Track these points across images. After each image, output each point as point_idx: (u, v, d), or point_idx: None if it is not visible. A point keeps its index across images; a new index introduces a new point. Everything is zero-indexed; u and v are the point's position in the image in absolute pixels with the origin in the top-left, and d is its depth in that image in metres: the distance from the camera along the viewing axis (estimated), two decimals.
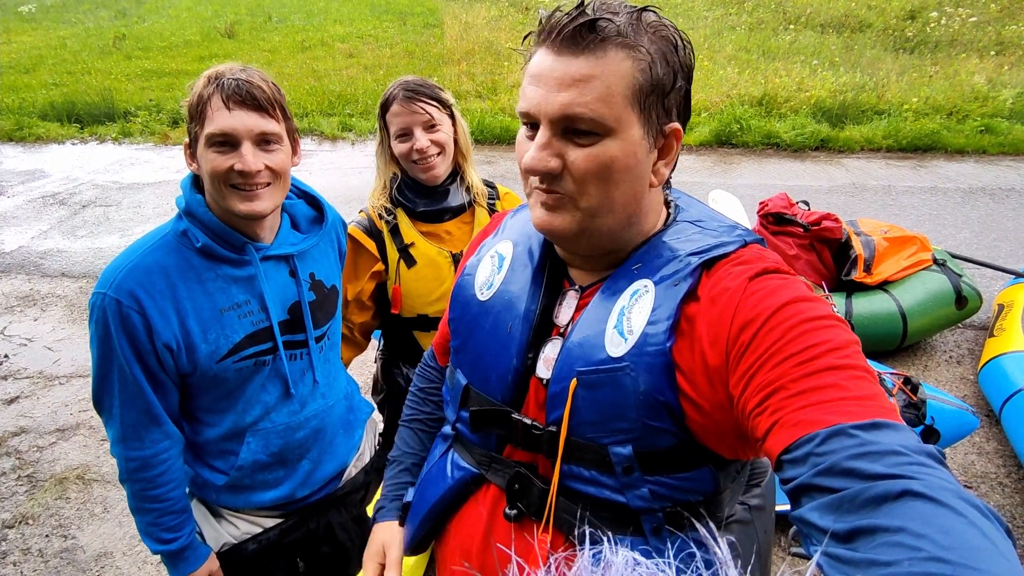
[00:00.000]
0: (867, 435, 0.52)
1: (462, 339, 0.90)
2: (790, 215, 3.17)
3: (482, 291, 0.88)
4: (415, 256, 1.48)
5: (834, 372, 0.59)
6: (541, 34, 0.72)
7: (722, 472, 0.76)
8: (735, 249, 0.74)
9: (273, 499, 1.24)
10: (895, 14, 9.88)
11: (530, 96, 0.71)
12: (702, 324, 0.70)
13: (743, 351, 0.65)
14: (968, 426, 2.23)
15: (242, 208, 1.06)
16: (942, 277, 3.07)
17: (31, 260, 4.45)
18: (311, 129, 7.09)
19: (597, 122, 0.69)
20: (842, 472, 0.51)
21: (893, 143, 6.25)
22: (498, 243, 0.93)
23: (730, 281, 0.70)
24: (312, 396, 1.24)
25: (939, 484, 0.47)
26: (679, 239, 0.78)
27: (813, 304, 0.65)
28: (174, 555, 1.16)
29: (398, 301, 1.50)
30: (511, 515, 0.82)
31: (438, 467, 0.93)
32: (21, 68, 9.15)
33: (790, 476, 0.55)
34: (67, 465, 2.66)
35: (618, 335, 0.73)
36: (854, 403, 0.56)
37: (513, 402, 0.82)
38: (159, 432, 1.11)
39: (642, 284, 0.75)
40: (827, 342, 0.61)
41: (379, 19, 11.82)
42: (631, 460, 0.73)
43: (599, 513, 0.76)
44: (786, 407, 0.58)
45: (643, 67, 0.69)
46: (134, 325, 1.04)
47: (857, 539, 0.47)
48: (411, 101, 1.40)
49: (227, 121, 1.03)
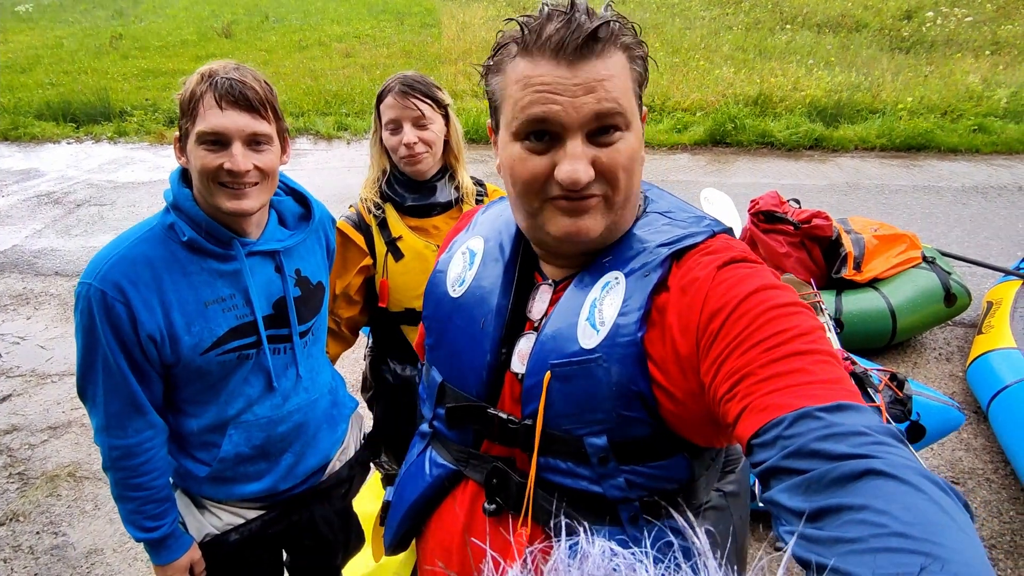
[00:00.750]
0: (832, 417, 0.54)
1: (436, 336, 0.91)
2: (781, 213, 3.18)
3: (454, 287, 0.89)
4: (403, 249, 1.49)
5: (800, 357, 0.60)
6: (532, 45, 0.71)
7: (696, 460, 0.78)
8: (704, 239, 0.76)
9: (255, 491, 1.25)
10: (891, 14, 9.90)
11: (546, 107, 0.70)
12: (672, 313, 0.71)
13: (713, 339, 0.66)
14: (954, 422, 2.24)
15: (229, 206, 1.08)
16: (931, 275, 3.09)
17: (25, 259, 4.45)
18: (307, 128, 7.10)
19: (623, 116, 0.72)
20: (809, 454, 0.52)
21: (887, 142, 6.27)
22: (469, 239, 0.93)
23: (699, 271, 0.71)
24: (295, 390, 1.25)
25: (900, 462, 0.49)
26: (649, 231, 0.79)
27: (779, 292, 0.67)
28: (156, 543, 1.17)
29: (385, 295, 1.51)
30: (490, 510, 0.82)
31: (416, 465, 0.94)
32: (17, 68, 9.14)
33: (760, 459, 0.57)
34: (58, 463, 2.67)
35: (590, 327, 0.74)
36: (820, 387, 0.57)
37: (488, 397, 0.83)
38: (143, 421, 1.12)
39: (613, 276, 0.76)
40: (793, 328, 0.63)
41: (376, 19, 11.82)
42: (606, 450, 0.74)
43: (576, 504, 0.77)
44: (755, 392, 0.60)
45: (636, 63, 0.74)
46: (119, 316, 1.05)
47: (824, 518, 0.48)
48: (405, 96, 1.41)
49: (219, 120, 1.04)
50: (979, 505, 2.37)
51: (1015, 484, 2.45)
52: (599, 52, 0.70)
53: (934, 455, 2.60)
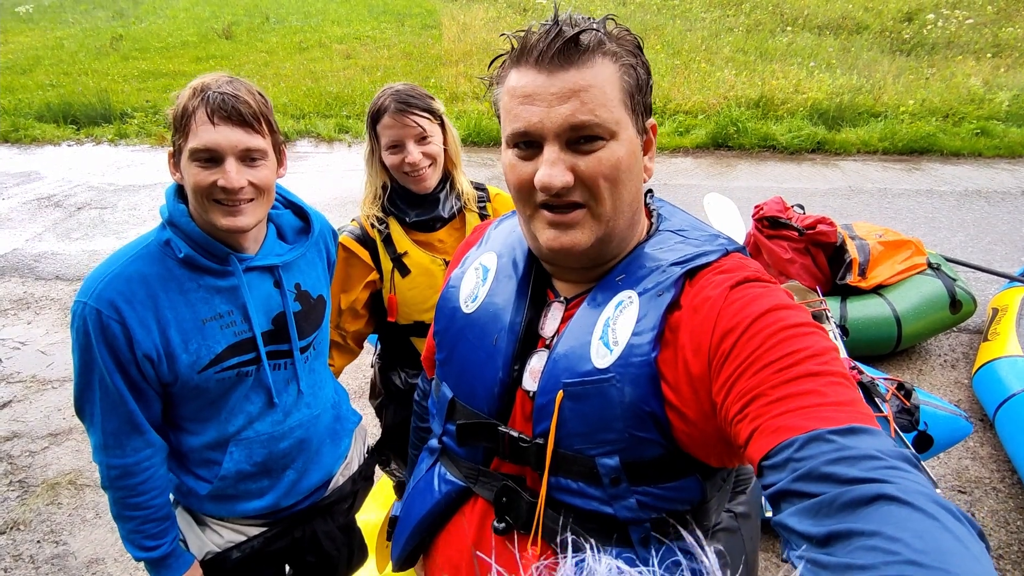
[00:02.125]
0: (844, 440, 0.53)
1: (447, 352, 0.90)
2: (785, 219, 3.17)
3: (467, 303, 0.89)
4: (409, 265, 1.47)
5: (812, 378, 0.60)
6: (520, 56, 0.73)
7: (708, 481, 0.77)
8: (717, 258, 0.75)
9: (258, 509, 1.23)
10: (892, 16, 9.89)
11: (526, 116, 0.72)
12: (685, 333, 0.71)
13: (724, 359, 0.66)
14: (961, 431, 2.23)
15: (224, 223, 1.06)
16: (936, 281, 3.07)
17: (25, 263, 4.44)
18: (308, 131, 7.08)
19: (603, 126, 0.71)
20: (820, 477, 0.52)
21: (889, 146, 6.26)
22: (482, 255, 0.92)
23: (711, 290, 0.71)
24: (296, 406, 1.24)
25: (913, 488, 0.48)
26: (661, 249, 0.79)
27: (792, 312, 0.67)
28: (156, 562, 1.16)
29: (394, 309, 1.50)
30: (499, 528, 0.82)
31: (425, 481, 0.93)
32: (18, 69, 9.12)
33: (770, 482, 0.56)
34: (59, 470, 2.65)
35: (603, 346, 0.74)
36: (832, 408, 0.57)
37: (499, 415, 0.82)
38: (141, 440, 1.10)
39: (626, 295, 0.76)
40: (806, 349, 0.62)
41: (377, 20, 11.81)
42: (618, 471, 0.73)
43: (587, 524, 0.76)
44: (766, 413, 0.59)
45: (627, 70, 0.73)
46: (114, 335, 1.03)
47: (834, 543, 0.48)
48: (403, 113, 1.37)
49: (211, 136, 1.02)
50: (986, 515, 2.35)
51: (1022, 493, 2.43)
52: (580, 60, 0.70)
53: (940, 464, 2.58)
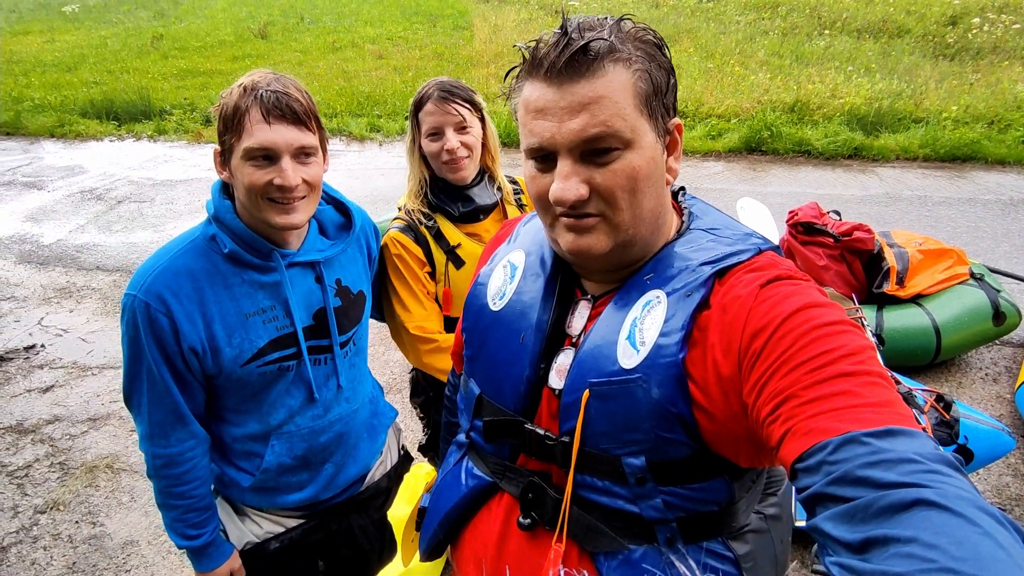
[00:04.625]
0: (880, 443, 0.52)
1: (475, 348, 0.91)
2: (820, 225, 3.10)
3: (495, 301, 0.89)
4: (463, 256, 1.49)
5: (847, 379, 0.58)
6: (531, 69, 0.72)
7: (737, 482, 0.76)
8: (749, 257, 0.74)
9: (297, 501, 1.25)
10: (935, 20, 9.61)
11: (539, 131, 0.72)
12: (714, 333, 0.70)
13: (755, 359, 0.65)
14: (1003, 447, 2.16)
15: (279, 221, 1.08)
16: (979, 292, 2.98)
17: (68, 253, 4.59)
18: (340, 129, 7.17)
19: (617, 136, 0.70)
20: (855, 481, 0.50)
21: (931, 152, 6.07)
22: (511, 252, 0.93)
23: (741, 289, 0.70)
24: (336, 401, 1.26)
25: (954, 493, 0.46)
26: (692, 248, 0.78)
27: (825, 309, 0.65)
28: (198, 551, 1.18)
29: (449, 302, 1.51)
30: (525, 524, 0.82)
31: (452, 474, 0.94)
32: (64, 66, 9.44)
33: (804, 485, 0.55)
34: (97, 454, 2.73)
35: (630, 346, 0.73)
36: (867, 410, 0.55)
37: (526, 412, 0.83)
38: (185, 431, 1.13)
39: (654, 295, 0.75)
40: (840, 348, 0.60)
41: (409, 21, 11.92)
42: (644, 471, 0.73)
43: (613, 523, 0.76)
44: (798, 415, 0.58)
45: (641, 75, 0.71)
46: (162, 327, 1.06)
47: (870, 549, 0.46)
48: (445, 101, 1.41)
49: (267, 136, 1.03)
50: None
51: None
52: (590, 71, 0.69)
53: (980, 480, 2.50)
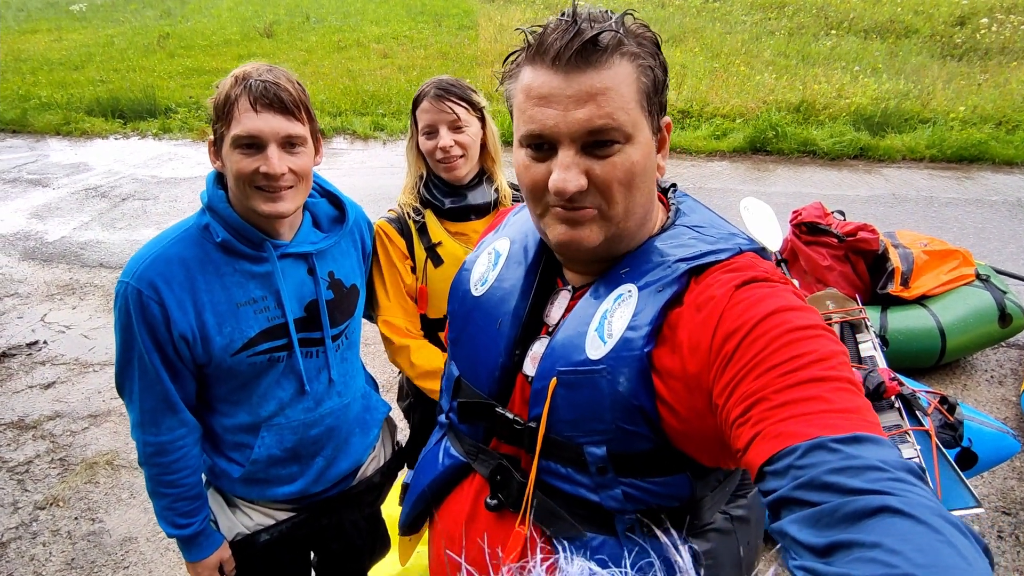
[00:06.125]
0: (848, 449, 0.52)
1: (457, 332, 0.94)
2: (824, 225, 3.08)
3: (477, 286, 0.91)
4: (442, 255, 1.48)
5: (818, 384, 0.58)
6: (536, 54, 0.72)
7: (700, 480, 0.77)
8: (728, 257, 0.74)
9: (287, 494, 1.25)
10: (943, 20, 9.55)
11: (541, 118, 0.71)
12: (684, 330, 0.70)
13: (727, 361, 0.65)
14: (1008, 450, 2.13)
15: (265, 208, 1.08)
16: (985, 293, 2.95)
17: (72, 250, 4.60)
18: (344, 128, 7.18)
19: (620, 130, 0.70)
20: (822, 486, 0.51)
21: (937, 153, 6.03)
22: (497, 240, 0.95)
23: (716, 289, 0.70)
24: (328, 394, 1.25)
25: (918, 501, 0.47)
26: (671, 244, 0.78)
27: (800, 313, 0.65)
28: (188, 540, 1.19)
29: (424, 300, 1.50)
30: (491, 505, 0.84)
31: (432, 453, 0.97)
32: (71, 65, 9.49)
33: (770, 488, 0.55)
34: (97, 450, 2.74)
35: (598, 338, 0.74)
36: (837, 416, 0.55)
37: (499, 396, 0.84)
38: (175, 419, 1.13)
39: (626, 288, 0.76)
40: (812, 352, 0.60)
41: (414, 20, 11.93)
42: (605, 461, 0.74)
43: (574, 510, 0.78)
44: (768, 418, 0.58)
45: (644, 71, 0.72)
46: (153, 315, 1.06)
47: (834, 553, 0.47)
48: (441, 99, 1.40)
49: (254, 123, 1.04)
50: None
51: None
52: (598, 62, 0.69)
53: (985, 483, 2.47)
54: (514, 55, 0.77)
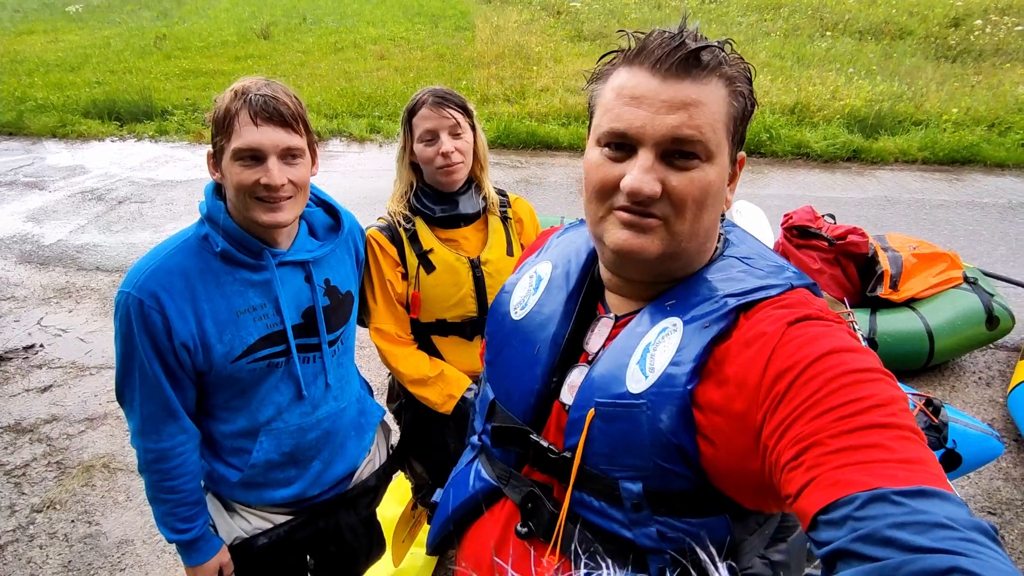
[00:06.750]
0: (912, 503, 0.49)
1: (493, 354, 0.92)
2: (815, 228, 3.11)
3: (516, 310, 0.90)
4: (434, 262, 1.50)
5: (878, 431, 0.55)
6: (635, 56, 0.72)
7: (739, 523, 0.74)
8: (778, 293, 0.71)
9: (285, 497, 1.28)
10: (937, 21, 9.61)
11: (629, 117, 0.70)
12: (731, 366, 0.67)
13: (778, 401, 0.62)
14: (992, 451, 2.16)
15: (265, 219, 1.11)
16: (973, 296, 2.98)
17: (68, 254, 4.61)
18: (340, 130, 7.19)
19: (704, 146, 0.70)
20: (882, 541, 0.48)
21: (929, 155, 6.07)
22: (538, 263, 0.93)
23: (767, 325, 0.67)
24: (324, 399, 1.28)
25: (993, 565, 0.44)
26: (721, 276, 0.76)
27: (857, 355, 0.62)
28: (187, 545, 1.21)
29: (417, 306, 1.53)
30: (521, 532, 0.83)
31: (463, 474, 0.95)
32: (67, 66, 9.46)
33: (825, 539, 0.52)
34: (94, 453, 2.75)
35: (639, 371, 0.72)
36: (899, 466, 0.52)
37: (534, 423, 0.83)
38: (176, 426, 1.16)
39: (671, 322, 0.74)
40: (871, 397, 0.57)
41: (411, 22, 11.94)
42: (640, 498, 0.72)
43: (606, 545, 0.76)
44: (824, 464, 0.55)
45: (736, 97, 0.72)
46: (154, 324, 1.09)
47: None
48: (440, 106, 1.43)
49: (254, 136, 1.07)
50: (1016, 537, 2.28)
51: None
52: (696, 76, 0.69)
53: (971, 484, 2.51)
54: (611, 55, 0.76)
